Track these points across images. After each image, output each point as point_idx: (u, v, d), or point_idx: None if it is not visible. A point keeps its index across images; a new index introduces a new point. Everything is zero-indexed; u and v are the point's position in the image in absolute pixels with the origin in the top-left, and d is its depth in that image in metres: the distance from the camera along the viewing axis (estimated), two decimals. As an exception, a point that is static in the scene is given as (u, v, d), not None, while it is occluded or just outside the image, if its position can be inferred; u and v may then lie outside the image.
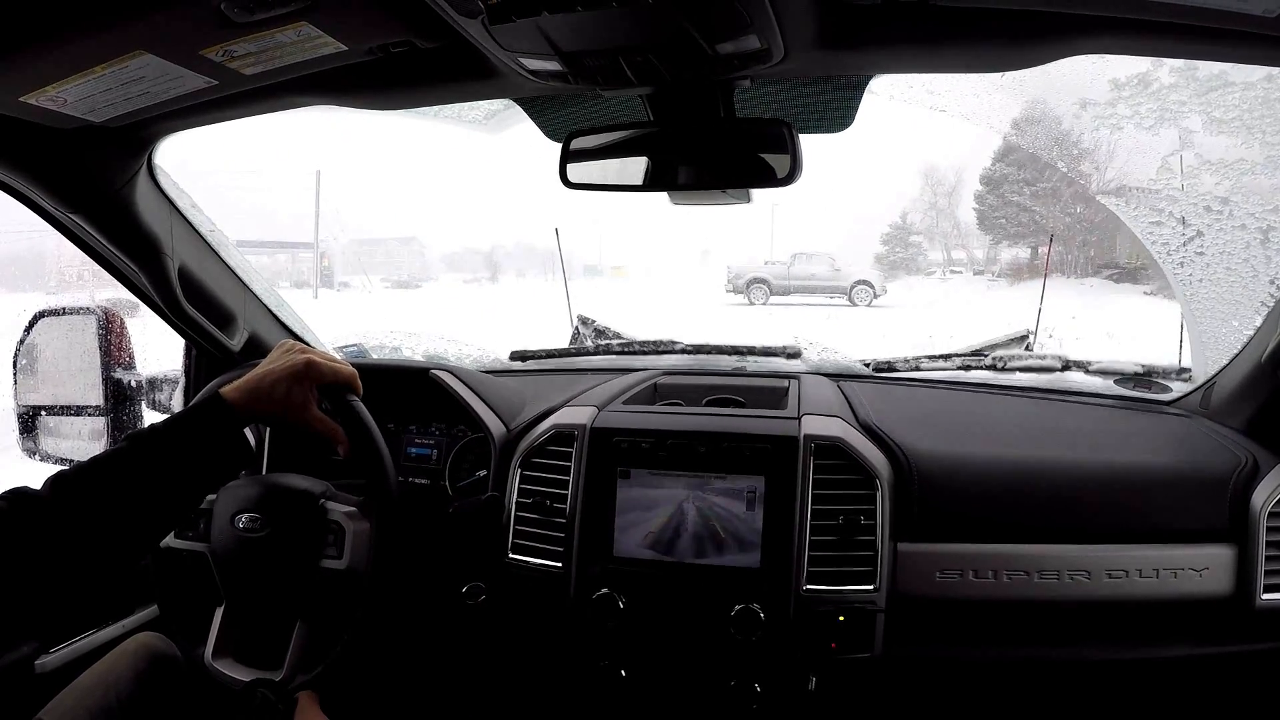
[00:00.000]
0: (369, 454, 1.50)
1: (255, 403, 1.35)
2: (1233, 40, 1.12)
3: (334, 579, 1.47)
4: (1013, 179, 23.54)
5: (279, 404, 1.37)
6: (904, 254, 30.30)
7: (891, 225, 30.72)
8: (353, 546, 1.47)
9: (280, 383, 1.37)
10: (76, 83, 1.25)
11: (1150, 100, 1.79)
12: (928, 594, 1.59)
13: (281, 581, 1.48)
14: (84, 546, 1.16)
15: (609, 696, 1.64)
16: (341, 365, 1.47)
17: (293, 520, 1.47)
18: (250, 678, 1.47)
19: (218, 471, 1.35)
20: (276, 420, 1.40)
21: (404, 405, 1.97)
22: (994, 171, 25.06)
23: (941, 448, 1.71)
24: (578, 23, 1.12)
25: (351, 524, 1.48)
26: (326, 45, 1.22)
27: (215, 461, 1.32)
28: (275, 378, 1.37)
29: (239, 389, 1.34)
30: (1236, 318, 1.83)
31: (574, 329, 3.31)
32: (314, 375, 1.40)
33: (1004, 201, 24.05)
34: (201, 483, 1.32)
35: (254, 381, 1.36)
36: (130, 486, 1.21)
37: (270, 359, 1.42)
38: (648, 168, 1.51)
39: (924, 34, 1.24)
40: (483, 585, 1.70)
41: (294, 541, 1.46)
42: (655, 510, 1.63)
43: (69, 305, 2.09)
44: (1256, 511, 1.56)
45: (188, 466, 1.27)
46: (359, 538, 1.48)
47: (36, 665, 1.65)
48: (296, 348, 1.43)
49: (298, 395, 1.38)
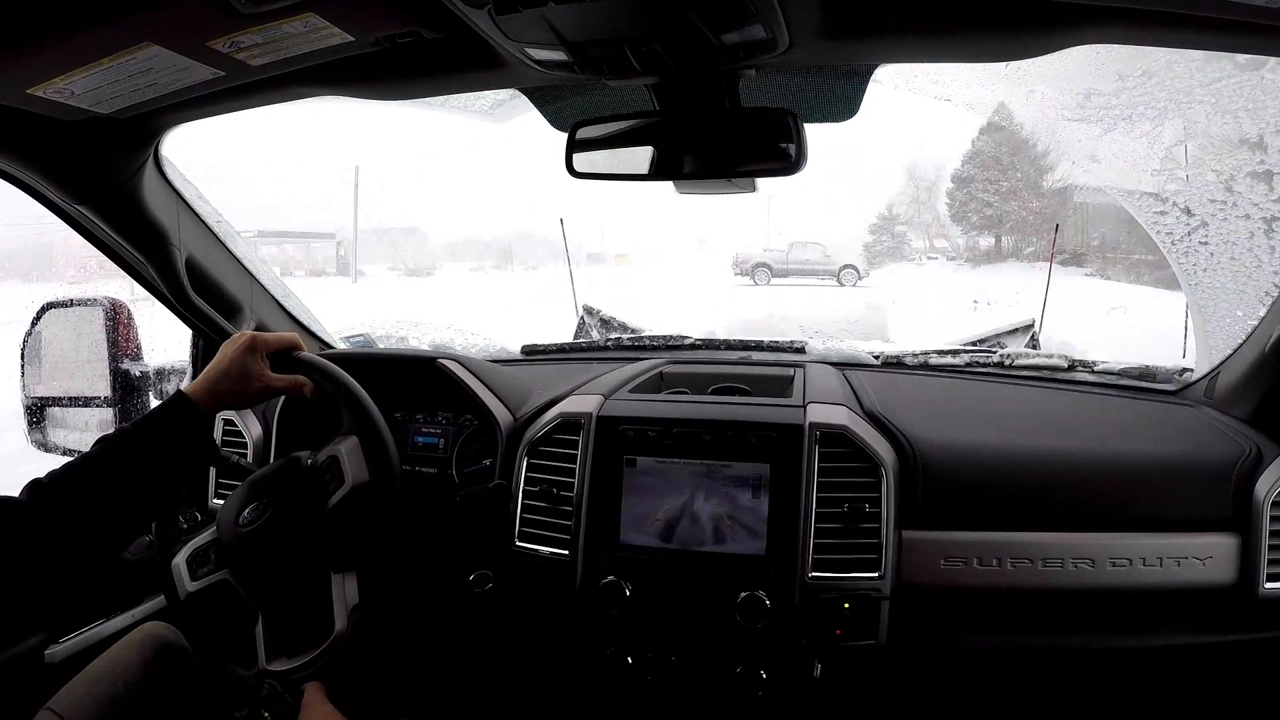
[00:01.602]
0: (331, 383, 1.55)
1: (216, 391, 1.44)
2: (1237, 30, 1.12)
3: (346, 506, 1.46)
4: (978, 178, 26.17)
5: (237, 382, 1.46)
6: (890, 242, 32.32)
7: (879, 216, 32.78)
8: (349, 465, 1.48)
9: (234, 363, 1.46)
10: (84, 75, 1.25)
11: (1156, 90, 1.79)
12: (932, 582, 1.59)
13: (299, 547, 1.47)
14: (65, 548, 1.23)
15: (615, 684, 1.64)
16: (283, 332, 1.57)
17: (287, 489, 1.47)
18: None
19: (186, 466, 1.43)
20: (241, 399, 1.50)
21: (411, 395, 1.98)
22: (963, 171, 27.55)
23: (946, 436, 1.71)
24: (584, 13, 1.12)
25: (340, 446, 1.50)
26: (333, 36, 1.22)
27: (182, 457, 1.40)
28: (228, 361, 1.46)
29: (198, 384, 1.44)
30: (1241, 307, 1.82)
31: (579, 318, 3.31)
32: (261, 346, 1.50)
33: (971, 197, 26.70)
34: (172, 479, 1.39)
35: (211, 372, 1.45)
36: (105, 488, 1.29)
37: (219, 352, 1.50)
38: (653, 157, 1.51)
39: (929, 23, 1.24)
40: (490, 573, 1.71)
41: (296, 505, 1.46)
42: (661, 498, 1.64)
43: (76, 297, 2.09)
44: (1260, 501, 1.56)
45: (158, 464, 1.36)
46: (351, 454, 1.49)
47: (45, 655, 1.66)
48: (240, 334, 1.52)
49: (253, 369, 1.48)
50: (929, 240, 32.84)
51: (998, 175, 25.97)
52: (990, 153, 25.19)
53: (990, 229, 27.60)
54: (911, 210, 33.44)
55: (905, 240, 33.03)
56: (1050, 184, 24.08)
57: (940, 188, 30.83)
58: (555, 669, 1.77)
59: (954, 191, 28.60)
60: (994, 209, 26.03)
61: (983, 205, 26.39)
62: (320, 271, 32.64)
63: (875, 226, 32.57)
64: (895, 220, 33.06)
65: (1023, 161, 25.09)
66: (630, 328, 3.06)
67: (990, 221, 27.10)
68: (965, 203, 27.56)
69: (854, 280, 24.10)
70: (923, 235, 33.24)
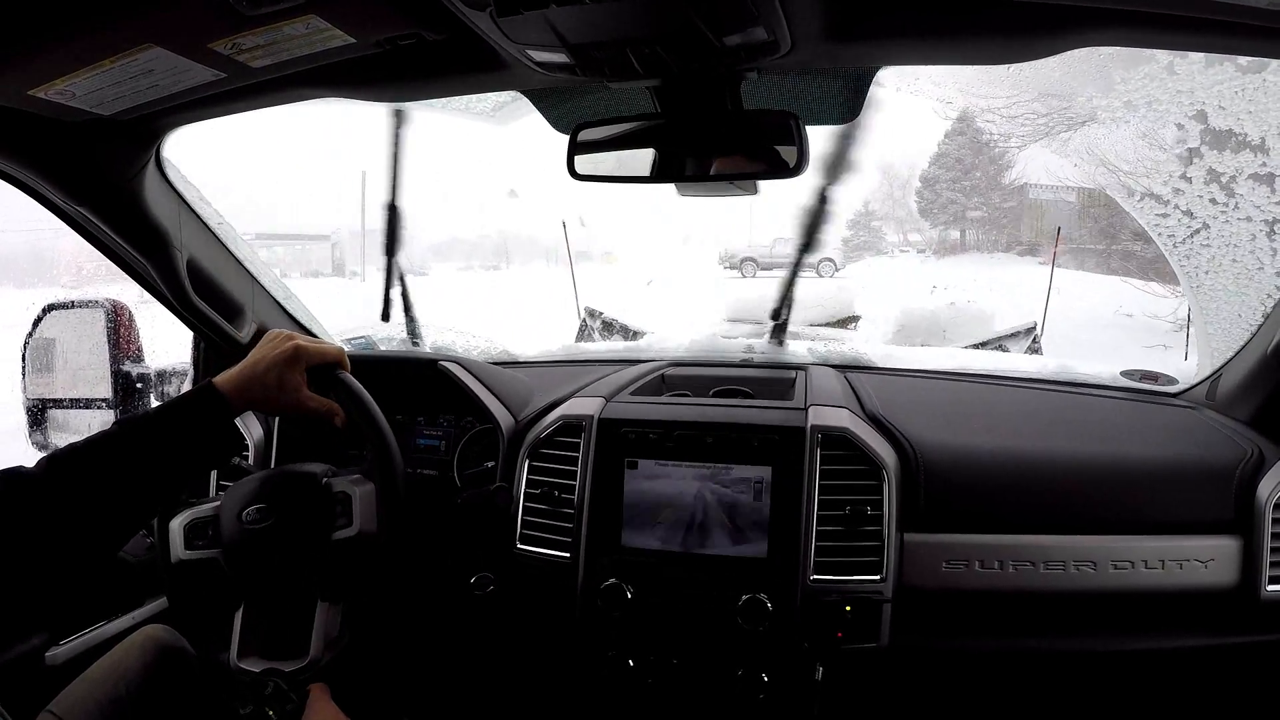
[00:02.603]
0: (366, 422, 1.51)
1: (247, 391, 1.38)
2: (1241, 33, 1.12)
3: (347, 547, 1.45)
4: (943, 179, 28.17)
5: (271, 390, 1.40)
6: (867, 237, 34.49)
7: (856, 212, 34.62)
8: (360, 511, 1.46)
9: (271, 369, 1.40)
10: (85, 76, 1.25)
11: (1159, 91, 1.79)
12: (934, 585, 1.59)
13: (295, 565, 1.47)
14: (76, 525, 1.20)
15: (616, 686, 1.65)
16: (328, 345, 1.50)
17: (298, 503, 1.46)
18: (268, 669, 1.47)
19: (206, 458, 1.40)
20: (270, 406, 1.43)
21: (412, 397, 1.98)
22: (930, 173, 29.68)
23: (948, 439, 1.71)
24: (585, 15, 1.12)
25: (356, 489, 1.47)
26: (335, 38, 1.22)
27: (204, 448, 1.35)
28: (266, 365, 1.40)
29: (231, 379, 1.38)
30: (1243, 310, 1.82)
31: (581, 321, 3.32)
32: (303, 358, 1.44)
33: (938, 195, 28.75)
34: (189, 468, 1.36)
35: (246, 370, 1.40)
36: (121, 468, 1.24)
37: (259, 348, 1.45)
38: (655, 159, 1.50)
39: (930, 26, 1.23)
40: (491, 576, 1.71)
41: (302, 523, 1.45)
42: (663, 501, 1.64)
43: (78, 298, 2.09)
44: (1262, 503, 1.56)
45: (177, 452, 1.31)
46: (365, 501, 1.47)
47: (47, 657, 1.65)
48: (282, 335, 1.47)
49: (289, 380, 1.42)
50: (903, 235, 34.58)
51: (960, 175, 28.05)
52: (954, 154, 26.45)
53: (955, 224, 29.52)
54: (886, 207, 35.37)
55: (881, 235, 34.86)
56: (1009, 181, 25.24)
57: (912, 186, 32.66)
58: (556, 671, 1.77)
59: (922, 190, 30.59)
60: (958, 205, 28.05)
61: (948, 202, 28.40)
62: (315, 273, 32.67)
63: (852, 222, 34.20)
64: (872, 216, 34.84)
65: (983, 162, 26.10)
66: (632, 330, 3.07)
67: (955, 217, 29.10)
68: (933, 200, 29.58)
69: (831, 272, 24.98)
70: (897, 230, 35.13)
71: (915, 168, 31.65)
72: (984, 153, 26.33)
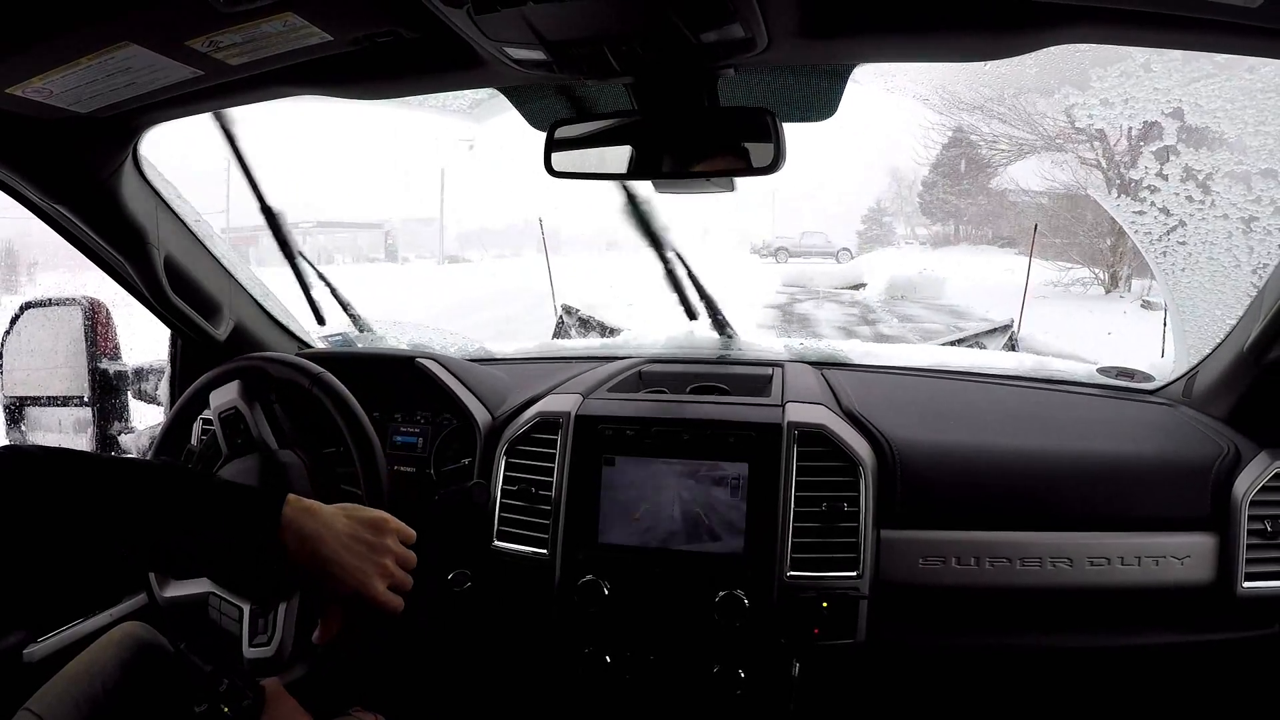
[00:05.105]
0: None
1: (310, 563, 1.09)
2: (1216, 30, 1.12)
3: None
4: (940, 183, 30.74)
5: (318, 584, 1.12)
6: (878, 231, 40.08)
7: (869, 209, 41.27)
8: None
9: (345, 572, 1.11)
10: (63, 74, 1.24)
11: (1136, 89, 1.80)
12: (911, 580, 1.60)
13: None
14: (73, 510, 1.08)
15: (594, 683, 1.65)
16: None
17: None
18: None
19: (220, 577, 1.30)
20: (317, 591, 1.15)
21: (390, 393, 1.98)
22: (928, 178, 32.50)
23: (925, 435, 1.72)
24: (563, 12, 1.12)
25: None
26: (312, 35, 1.22)
27: (224, 570, 1.14)
28: (343, 566, 1.11)
29: (303, 536, 1.09)
30: (1219, 307, 1.83)
31: (558, 319, 3.31)
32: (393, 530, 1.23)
33: (935, 196, 32.06)
34: (188, 569, 1.34)
35: (324, 548, 1.10)
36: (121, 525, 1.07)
37: (356, 531, 1.17)
38: (632, 156, 1.50)
39: (907, 23, 1.24)
40: (468, 572, 1.71)
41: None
42: (640, 497, 1.64)
43: (55, 296, 2.09)
44: (1238, 500, 1.57)
45: (194, 554, 1.09)
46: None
47: (25, 655, 1.65)
48: (384, 546, 1.20)
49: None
50: (911, 229, 39.29)
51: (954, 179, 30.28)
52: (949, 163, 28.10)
53: (950, 219, 34.19)
54: (895, 204, 40.74)
55: (891, 229, 40.24)
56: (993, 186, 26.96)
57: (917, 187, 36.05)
58: (534, 668, 1.77)
59: (923, 192, 34.16)
60: (951, 204, 31.16)
61: (942, 202, 31.71)
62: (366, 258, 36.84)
63: (866, 217, 40.88)
64: (883, 213, 40.95)
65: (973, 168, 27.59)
66: (609, 327, 3.06)
67: (949, 214, 33.03)
68: (931, 200, 33.17)
69: (847, 259, 30.40)
70: (905, 224, 40.14)
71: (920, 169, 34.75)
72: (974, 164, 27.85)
